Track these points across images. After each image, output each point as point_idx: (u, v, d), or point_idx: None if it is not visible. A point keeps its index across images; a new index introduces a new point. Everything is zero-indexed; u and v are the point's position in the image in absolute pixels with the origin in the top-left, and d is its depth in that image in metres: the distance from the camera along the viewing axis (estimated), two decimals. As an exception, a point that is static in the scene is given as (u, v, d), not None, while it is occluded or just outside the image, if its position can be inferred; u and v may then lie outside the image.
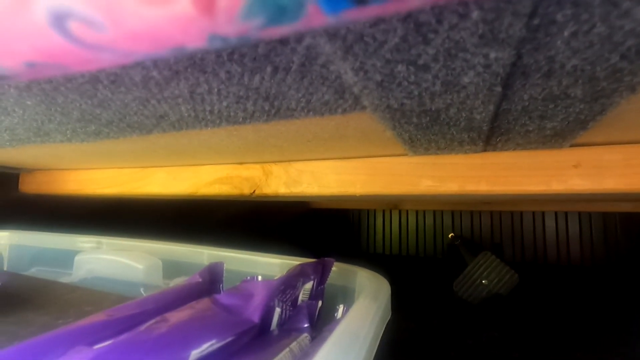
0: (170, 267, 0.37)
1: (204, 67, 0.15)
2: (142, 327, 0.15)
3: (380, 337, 0.18)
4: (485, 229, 1.15)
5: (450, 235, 1.16)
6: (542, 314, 0.67)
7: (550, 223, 1.10)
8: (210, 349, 0.15)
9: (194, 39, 0.07)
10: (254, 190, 0.44)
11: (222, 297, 0.20)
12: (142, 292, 0.34)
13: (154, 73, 0.15)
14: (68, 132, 0.27)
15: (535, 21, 0.12)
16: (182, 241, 0.39)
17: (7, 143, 0.32)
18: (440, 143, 0.30)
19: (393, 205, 1.23)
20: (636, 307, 0.69)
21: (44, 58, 0.07)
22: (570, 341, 0.56)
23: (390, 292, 0.22)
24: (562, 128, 0.24)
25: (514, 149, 0.32)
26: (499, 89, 0.17)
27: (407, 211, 1.26)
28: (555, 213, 1.09)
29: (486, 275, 0.69)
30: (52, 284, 0.32)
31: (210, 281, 0.26)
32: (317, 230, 1.32)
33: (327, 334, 0.17)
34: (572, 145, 0.31)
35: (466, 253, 0.89)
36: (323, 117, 0.23)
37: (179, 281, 0.33)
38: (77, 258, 0.38)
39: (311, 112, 0.22)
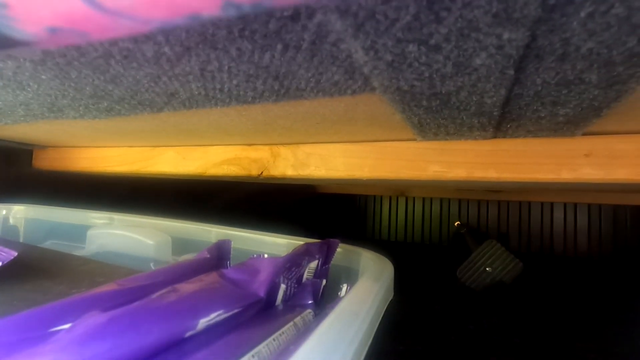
0: (179, 244, 0.38)
1: (215, 44, 0.15)
2: (153, 296, 0.16)
3: (381, 315, 0.18)
4: (492, 219, 1.15)
5: (456, 224, 1.16)
6: (545, 303, 0.67)
7: (558, 214, 1.09)
8: (218, 318, 0.16)
9: (209, 6, 0.07)
10: (262, 172, 0.44)
11: (229, 272, 0.20)
12: (152, 267, 0.35)
13: (166, 49, 0.15)
14: (81, 108, 0.27)
15: (551, 1, 0.12)
16: (190, 220, 0.40)
17: (22, 118, 0.33)
18: (450, 128, 0.30)
19: (400, 191, 1.23)
20: (641, 300, 0.69)
21: (66, 23, 0.07)
22: (572, 331, 0.56)
23: (393, 272, 0.22)
24: (575, 115, 0.24)
25: (525, 136, 0.32)
26: (511, 72, 0.17)
27: (413, 198, 1.26)
28: (564, 204, 1.08)
29: (490, 263, 0.70)
30: (66, 256, 0.33)
31: (218, 257, 0.27)
32: (323, 215, 1.33)
33: (329, 310, 0.17)
34: (584, 134, 0.30)
35: (471, 241, 0.89)
36: (332, 98, 0.23)
37: (187, 257, 0.34)
38: (89, 232, 0.39)
39: (320, 93, 0.22)
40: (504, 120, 0.27)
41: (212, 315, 0.15)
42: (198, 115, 0.31)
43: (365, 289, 0.18)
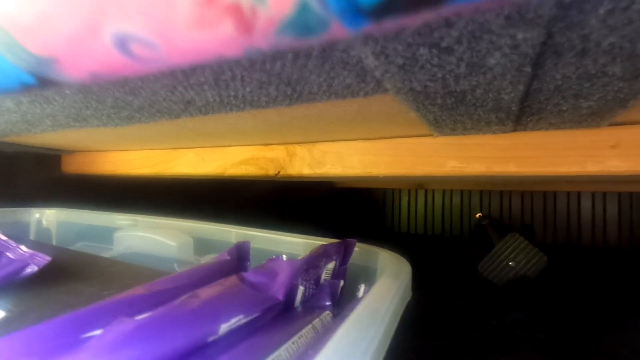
0: (201, 245, 0.39)
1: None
2: (177, 302, 0.16)
3: (400, 316, 0.18)
4: (515, 210, 1.12)
5: (477, 215, 1.14)
6: (572, 296, 0.65)
7: (586, 204, 1.05)
8: (238, 323, 0.16)
9: (232, 51, 0.08)
10: (279, 171, 0.45)
11: (249, 275, 0.21)
12: (176, 267, 0.36)
13: (180, 62, 0.16)
14: (103, 117, 0.29)
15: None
16: (211, 220, 0.41)
17: (50, 128, 0.35)
18: (467, 124, 0.29)
19: (418, 185, 1.21)
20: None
21: (105, 70, 0.08)
22: (599, 325, 0.54)
23: (410, 273, 0.22)
24: (600, 107, 0.23)
25: (547, 129, 0.31)
26: (528, 69, 0.16)
27: (432, 191, 1.24)
28: (593, 193, 1.04)
29: (513, 257, 0.68)
30: (95, 258, 0.35)
31: (238, 259, 0.27)
32: (342, 210, 1.33)
33: (348, 312, 0.17)
34: (610, 125, 0.29)
35: (494, 234, 0.87)
36: (345, 100, 0.23)
37: (209, 258, 0.35)
38: (116, 235, 0.41)
39: (333, 96, 0.22)
40: (523, 115, 0.26)
41: (233, 320, 0.16)
42: (214, 120, 0.32)
43: (384, 291, 0.18)
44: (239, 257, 0.28)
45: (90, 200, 0.55)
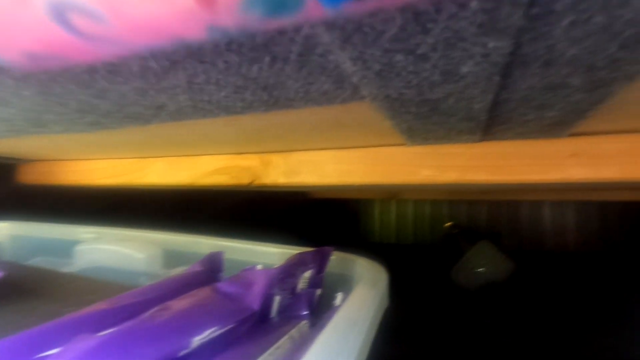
0: (171, 257, 0.37)
1: (202, 57, 0.15)
2: (145, 315, 0.15)
3: (377, 324, 0.18)
4: (483, 218, 1.16)
5: (448, 225, 1.17)
6: (538, 300, 0.68)
7: (548, 211, 1.10)
8: (212, 335, 0.15)
9: (194, 31, 0.07)
10: (253, 180, 0.44)
11: (223, 286, 0.20)
12: (143, 281, 0.34)
13: (152, 63, 0.15)
14: (66, 122, 0.27)
15: (534, 10, 0.12)
16: (182, 231, 0.39)
17: (5, 134, 0.32)
18: (439, 132, 0.30)
19: (392, 194, 1.23)
20: (630, 293, 0.70)
21: (44, 49, 0.07)
22: (566, 327, 0.57)
23: (387, 280, 0.22)
24: (561, 117, 0.24)
25: (513, 139, 0.32)
26: (497, 78, 0.17)
27: (405, 200, 1.27)
28: (554, 202, 1.10)
29: (484, 264, 0.70)
30: (53, 273, 0.33)
31: (211, 270, 0.26)
32: (316, 220, 1.32)
33: (326, 321, 0.17)
34: (571, 135, 0.31)
35: (464, 242, 0.90)
36: (322, 106, 0.23)
37: (179, 270, 0.33)
38: (77, 248, 0.38)
39: (310, 102, 0.22)
40: (492, 124, 0.27)
41: (206, 333, 0.15)
42: (187, 127, 0.31)
43: (361, 298, 0.18)
44: (212, 268, 0.27)
45: (50, 212, 0.52)
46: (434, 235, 1.22)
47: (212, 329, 0.15)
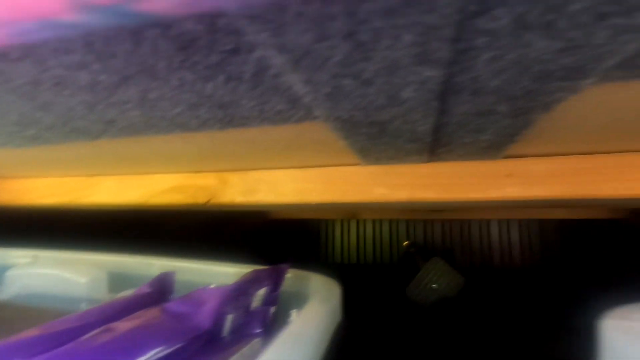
0: (118, 280, 0.35)
1: (156, 74, 0.15)
2: (83, 338, 0.15)
3: (329, 338, 0.19)
4: (437, 237, 1.21)
5: (405, 243, 1.21)
6: (487, 312, 0.71)
7: (494, 230, 1.18)
8: (158, 355, 0.15)
9: (59, 9, 0.07)
10: (209, 199, 0.43)
11: (172, 305, 0.19)
12: (85, 307, 0.32)
13: (102, 77, 0.15)
14: (3, 135, 0.25)
15: (460, 46, 0.13)
16: (133, 253, 0.37)
17: None
18: (390, 153, 0.32)
19: (351, 214, 1.26)
20: (567, 304, 0.76)
21: None
22: (510, 336, 0.60)
23: (340, 295, 0.23)
24: (494, 141, 0.27)
25: (456, 160, 0.35)
26: (435, 103, 0.19)
27: (364, 220, 1.29)
28: (499, 221, 1.18)
29: (436, 280, 0.73)
30: (-22, 302, 0.29)
31: (161, 292, 0.25)
32: (276, 241, 1.31)
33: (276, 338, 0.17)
34: (505, 157, 0.34)
35: (420, 259, 0.93)
36: (277, 126, 0.24)
37: (126, 294, 0.31)
38: (8, 273, 0.35)
39: (265, 121, 0.22)
40: (436, 146, 0.30)
41: (151, 353, 0.14)
42: (139, 143, 0.30)
43: (312, 314, 0.18)
44: (162, 289, 0.26)
45: (-23, 235, 0.47)
46: (393, 254, 1.25)
47: (157, 350, 0.15)
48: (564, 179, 0.34)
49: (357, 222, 1.29)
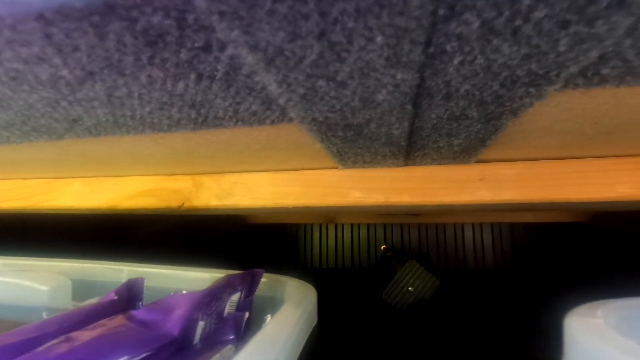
0: (84, 288, 0.33)
1: (122, 70, 0.15)
2: (41, 348, 0.14)
3: (304, 341, 0.18)
4: (413, 241, 1.23)
5: (382, 247, 1.22)
6: (461, 314, 0.73)
7: (468, 234, 1.21)
8: (121, 366, 0.14)
9: None
10: (183, 203, 0.42)
11: (139, 313, 0.18)
12: (45, 317, 0.30)
13: (64, 72, 0.14)
14: (-44, 134, 0.24)
15: (431, 49, 0.14)
16: (103, 260, 0.36)
17: None
18: (366, 156, 0.32)
19: (329, 219, 1.26)
20: (537, 306, 0.79)
21: None
22: (483, 337, 0.62)
23: (316, 299, 0.23)
24: (467, 145, 0.28)
25: (431, 164, 0.36)
26: (409, 107, 0.19)
27: (342, 225, 1.30)
28: (472, 225, 1.21)
29: (412, 283, 0.74)
30: None
31: (128, 299, 0.24)
32: (254, 247, 1.29)
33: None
34: (477, 161, 0.35)
35: (396, 263, 0.94)
36: (252, 127, 0.23)
37: (91, 302, 0.30)
38: (-39, 282, 0.32)
39: (240, 122, 0.22)
40: (411, 150, 0.30)
41: (114, 363, 0.14)
42: (108, 143, 0.29)
43: (286, 317, 0.18)
44: (130, 296, 0.25)
45: None
46: (371, 258, 1.25)
47: (122, 359, 0.14)
48: (532, 183, 0.35)
49: (335, 227, 1.29)
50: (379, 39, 0.12)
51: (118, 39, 0.12)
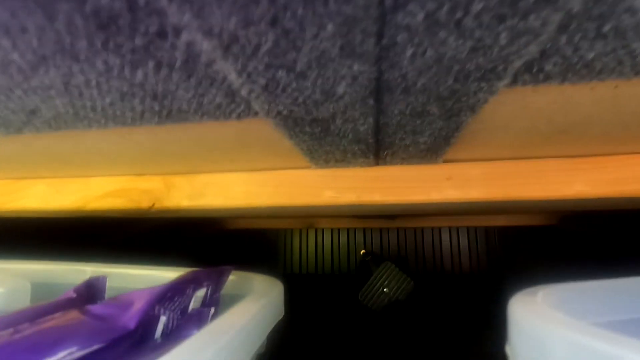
0: (44, 290, 0.32)
1: (76, 55, 0.14)
2: (-19, 341, 0.13)
3: (266, 333, 0.18)
4: (392, 245, 1.25)
5: (361, 252, 1.23)
6: (436, 315, 0.74)
7: (445, 237, 1.23)
8: (73, 356, 0.14)
9: None
10: (154, 204, 0.41)
11: (95, 308, 0.18)
12: None
13: (14, 56, 0.14)
14: None
15: (384, 41, 0.14)
16: (63, 262, 0.34)
17: None
18: (337, 155, 0.32)
19: (309, 223, 1.26)
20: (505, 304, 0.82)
21: None
22: (456, 337, 0.63)
23: (282, 292, 0.23)
24: (432, 143, 0.29)
25: (401, 164, 0.37)
26: (371, 101, 0.20)
27: (322, 230, 1.30)
28: (449, 228, 1.24)
29: (387, 284, 0.75)
30: None
31: (88, 297, 0.23)
32: (233, 253, 1.27)
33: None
34: (445, 161, 0.36)
35: (375, 267, 0.95)
36: (219, 121, 0.23)
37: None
38: None
39: (205, 116, 0.22)
40: (380, 148, 0.31)
41: (62, 354, 0.13)
42: (72, 139, 0.28)
43: (244, 308, 0.17)
44: (90, 295, 0.24)
45: None
46: (350, 263, 1.26)
47: (69, 350, 0.14)
48: (496, 182, 0.37)
49: (315, 232, 1.29)
50: (330, 27, 0.12)
51: (68, 20, 0.12)
